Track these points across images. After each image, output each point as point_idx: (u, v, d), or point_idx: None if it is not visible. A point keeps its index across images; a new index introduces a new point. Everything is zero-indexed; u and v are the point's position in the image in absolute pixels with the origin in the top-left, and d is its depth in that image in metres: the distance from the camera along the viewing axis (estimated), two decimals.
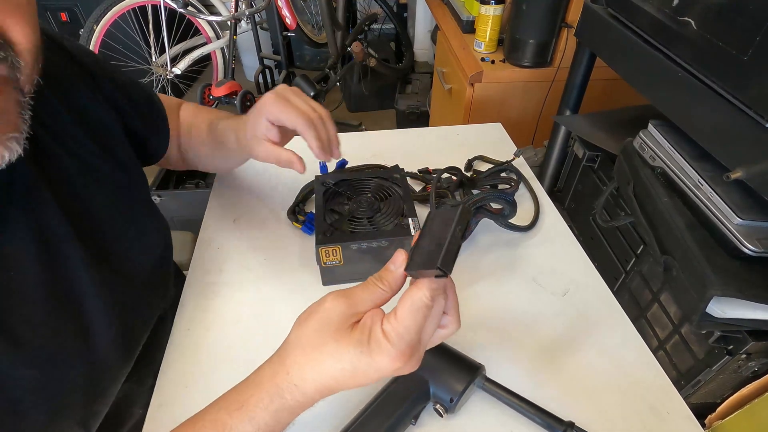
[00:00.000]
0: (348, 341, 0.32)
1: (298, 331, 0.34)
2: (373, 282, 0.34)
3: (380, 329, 0.32)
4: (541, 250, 0.64)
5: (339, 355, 0.32)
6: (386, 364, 0.31)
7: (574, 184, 1.09)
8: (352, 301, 0.33)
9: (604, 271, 0.62)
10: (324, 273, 0.58)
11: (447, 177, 0.72)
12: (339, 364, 0.32)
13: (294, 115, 0.51)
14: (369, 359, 0.31)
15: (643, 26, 0.78)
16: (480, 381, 0.45)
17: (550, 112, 1.24)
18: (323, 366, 0.32)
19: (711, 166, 0.69)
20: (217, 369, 0.50)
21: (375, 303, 0.34)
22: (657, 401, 0.47)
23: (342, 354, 0.32)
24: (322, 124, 0.54)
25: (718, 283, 0.60)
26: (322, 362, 0.32)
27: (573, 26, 1.13)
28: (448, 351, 0.46)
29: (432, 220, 0.33)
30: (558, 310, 0.56)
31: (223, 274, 0.60)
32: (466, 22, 1.44)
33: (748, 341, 0.64)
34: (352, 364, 0.31)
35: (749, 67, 0.57)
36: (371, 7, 2.47)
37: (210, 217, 0.69)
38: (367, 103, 2.40)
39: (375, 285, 0.34)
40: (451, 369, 0.44)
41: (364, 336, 0.32)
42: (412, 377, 0.43)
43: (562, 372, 0.50)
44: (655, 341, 0.81)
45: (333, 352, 0.32)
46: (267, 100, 0.52)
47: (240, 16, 1.85)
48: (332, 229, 0.56)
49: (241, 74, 2.64)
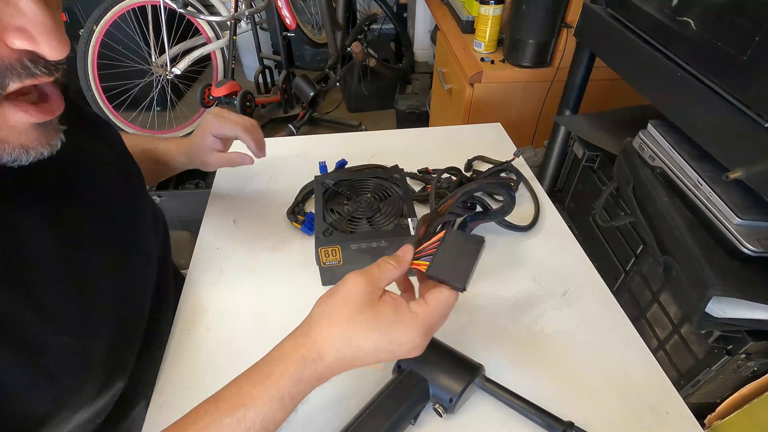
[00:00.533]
0: (380, 311, 0.36)
1: (321, 308, 0.38)
2: (386, 261, 0.39)
3: (408, 308, 0.37)
4: (541, 250, 0.64)
5: (373, 323, 0.35)
6: (411, 337, 0.36)
7: (574, 184, 1.09)
8: (372, 277, 0.38)
9: (604, 271, 0.62)
10: (324, 273, 0.58)
11: (447, 177, 0.72)
12: (371, 332, 0.35)
13: (232, 125, 0.63)
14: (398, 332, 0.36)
15: (643, 26, 0.78)
16: (479, 381, 0.45)
17: (550, 112, 1.24)
18: (353, 335, 0.35)
19: (710, 166, 0.69)
20: (217, 369, 0.50)
21: (389, 280, 0.39)
22: (657, 401, 0.47)
23: (376, 321, 0.35)
24: (255, 130, 0.65)
25: (717, 283, 0.60)
26: (353, 331, 0.35)
27: (573, 26, 1.13)
28: (447, 351, 0.46)
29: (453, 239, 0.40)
30: (558, 310, 0.56)
31: (223, 274, 0.60)
32: (466, 22, 1.44)
33: (747, 341, 0.64)
34: (383, 333, 0.35)
35: (749, 67, 0.57)
36: (371, 7, 2.47)
37: (210, 217, 0.69)
38: (367, 103, 2.40)
39: (388, 264, 0.39)
40: (451, 369, 0.44)
41: (396, 310, 0.36)
42: (412, 377, 0.43)
43: (562, 372, 0.50)
44: (655, 341, 0.81)
45: (366, 320, 0.35)
46: (209, 119, 0.63)
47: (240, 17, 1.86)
48: (332, 229, 0.56)
49: (241, 74, 2.64)
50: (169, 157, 0.68)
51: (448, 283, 0.38)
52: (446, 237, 0.40)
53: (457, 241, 0.40)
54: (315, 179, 0.65)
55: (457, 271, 0.38)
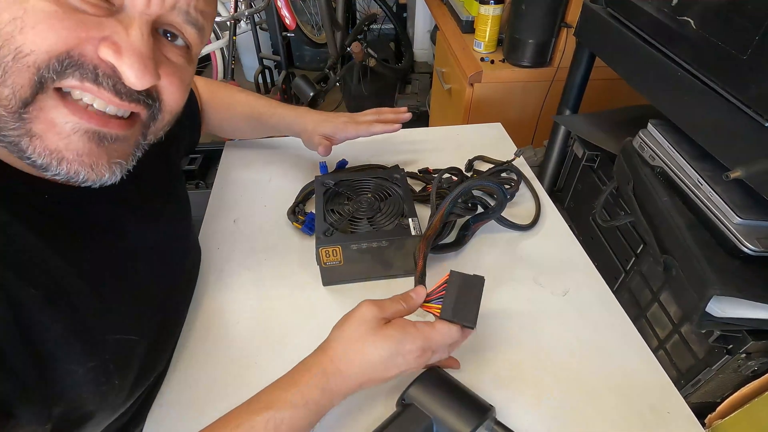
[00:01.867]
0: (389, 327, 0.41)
1: (338, 331, 0.42)
2: (398, 300, 0.44)
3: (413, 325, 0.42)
4: (541, 250, 0.64)
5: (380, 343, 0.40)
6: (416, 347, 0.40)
7: (574, 184, 1.09)
8: (382, 307, 0.42)
9: (604, 271, 0.62)
10: (324, 273, 0.58)
11: (447, 177, 0.72)
12: (378, 351, 0.40)
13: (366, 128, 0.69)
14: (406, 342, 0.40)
15: (643, 26, 0.78)
16: (489, 424, 0.42)
17: (550, 112, 1.24)
18: (365, 353, 0.40)
19: (710, 166, 0.69)
20: (217, 369, 0.50)
21: (397, 314, 0.43)
22: (657, 401, 0.47)
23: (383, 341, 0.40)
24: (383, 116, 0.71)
25: (717, 283, 0.60)
26: (364, 351, 0.40)
27: (572, 26, 1.13)
28: (457, 388, 0.43)
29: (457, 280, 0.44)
30: (558, 310, 0.56)
31: (223, 274, 0.60)
32: (466, 22, 1.44)
33: (747, 340, 0.64)
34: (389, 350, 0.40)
35: (748, 66, 0.57)
36: (371, 7, 2.47)
37: (210, 217, 0.69)
38: (367, 104, 2.39)
39: (399, 302, 0.44)
40: (459, 409, 0.41)
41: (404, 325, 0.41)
42: (415, 413, 0.41)
43: (561, 371, 0.50)
44: (655, 341, 0.81)
45: (374, 341, 0.40)
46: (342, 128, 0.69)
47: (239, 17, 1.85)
48: (332, 229, 0.56)
49: (240, 75, 2.64)
50: (281, 128, 0.72)
51: (459, 324, 0.43)
52: (451, 279, 0.44)
53: (461, 282, 0.44)
54: (315, 179, 0.65)
55: (466, 311, 0.43)
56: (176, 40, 0.36)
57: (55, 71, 0.29)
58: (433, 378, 0.43)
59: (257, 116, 0.71)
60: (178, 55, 0.36)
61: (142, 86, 0.32)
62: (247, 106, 0.72)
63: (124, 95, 0.33)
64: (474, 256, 0.63)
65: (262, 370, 0.50)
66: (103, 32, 0.30)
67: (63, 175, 0.32)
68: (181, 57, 0.37)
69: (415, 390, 0.42)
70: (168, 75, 0.35)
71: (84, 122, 0.32)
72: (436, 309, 0.44)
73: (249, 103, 0.72)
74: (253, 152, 0.82)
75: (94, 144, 0.33)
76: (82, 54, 0.30)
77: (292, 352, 0.51)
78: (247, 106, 0.72)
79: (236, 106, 0.72)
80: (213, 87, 0.72)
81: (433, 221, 0.55)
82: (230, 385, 0.49)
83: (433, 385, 0.42)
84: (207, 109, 0.71)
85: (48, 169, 0.32)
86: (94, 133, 0.33)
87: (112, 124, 0.33)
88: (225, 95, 0.72)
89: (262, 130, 0.74)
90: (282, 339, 0.53)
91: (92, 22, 0.30)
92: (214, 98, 0.71)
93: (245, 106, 0.72)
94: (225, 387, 0.48)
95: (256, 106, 0.72)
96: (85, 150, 0.32)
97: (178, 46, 0.36)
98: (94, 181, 0.34)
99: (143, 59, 0.31)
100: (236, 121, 0.73)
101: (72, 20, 0.29)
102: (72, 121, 0.31)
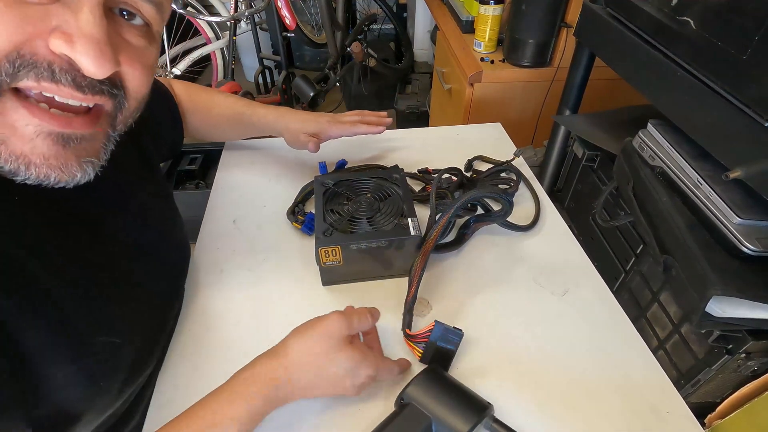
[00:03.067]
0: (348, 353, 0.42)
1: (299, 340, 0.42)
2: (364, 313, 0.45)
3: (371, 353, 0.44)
4: (541, 250, 0.64)
5: (340, 361, 0.41)
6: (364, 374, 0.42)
7: (574, 184, 1.09)
8: (350, 324, 0.43)
9: (604, 271, 0.62)
10: (324, 273, 0.58)
11: (447, 177, 0.72)
12: (335, 368, 0.41)
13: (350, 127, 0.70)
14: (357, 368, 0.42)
15: (643, 26, 0.78)
16: (488, 422, 0.42)
17: (550, 112, 1.24)
18: (322, 367, 0.41)
19: (710, 166, 0.69)
20: (217, 369, 0.50)
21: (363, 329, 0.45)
22: (657, 401, 0.47)
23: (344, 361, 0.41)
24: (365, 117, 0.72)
25: (717, 283, 0.60)
26: (322, 365, 0.41)
27: (572, 26, 1.13)
28: (455, 386, 0.44)
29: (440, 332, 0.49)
30: (558, 310, 0.56)
31: (223, 274, 0.60)
32: (466, 22, 1.44)
33: (747, 340, 0.64)
34: (345, 370, 0.41)
35: (748, 66, 0.57)
36: (371, 7, 2.47)
37: (210, 217, 0.69)
38: (367, 104, 2.40)
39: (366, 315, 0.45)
40: (457, 407, 0.41)
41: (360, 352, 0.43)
42: (414, 413, 0.41)
43: (562, 372, 0.50)
44: (655, 341, 0.81)
45: (335, 358, 0.41)
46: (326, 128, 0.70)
47: (239, 17, 1.85)
48: (332, 229, 0.56)
49: (240, 75, 2.64)
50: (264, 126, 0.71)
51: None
52: (435, 329, 0.48)
53: (443, 333, 0.48)
54: (315, 179, 0.65)
55: (442, 360, 0.49)
56: (134, 19, 0.33)
57: (8, 73, 0.27)
58: (431, 377, 0.44)
59: (237, 116, 0.71)
60: (137, 36, 0.33)
61: (102, 74, 0.30)
62: (226, 107, 0.71)
63: (86, 88, 0.30)
64: (474, 256, 0.63)
65: None
66: (51, 22, 0.28)
67: (33, 179, 0.31)
68: (141, 38, 0.34)
69: (413, 389, 0.42)
70: (129, 59, 0.33)
71: (46, 125, 0.30)
72: (417, 351, 0.50)
73: (228, 104, 0.72)
74: (253, 152, 0.82)
75: (60, 146, 0.31)
76: (33, 52, 0.28)
77: None
78: (227, 107, 0.71)
79: (215, 108, 0.71)
80: (191, 90, 0.71)
81: (432, 234, 0.55)
82: None
83: (431, 384, 0.42)
84: (186, 112, 0.70)
85: (17, 173, 0.30)
86: (59, 136, 0.31)
87: (76, 123, 0.32)
88: (203, 97, 0.71)
89: (243, 130, 0.74)
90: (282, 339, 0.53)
91: (38, 13, 0.27)
92: (191, 101, 0.70)
93: (224, 108, 0.71)
94: None
95: (235, 107, 0.71)
96: (52, 153, 0.31)
97: (137, 26, 0.34)
98: (67, 181, 0.32)
99: (98, 45, 0.29)
100: (216, 123, 0.72)
101: (15, 15, 0.27)
102: (33, 124, 0.30)
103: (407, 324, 0.51)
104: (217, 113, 0.72)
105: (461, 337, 0.49)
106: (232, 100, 0.72)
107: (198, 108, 0.71)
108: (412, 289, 0.53)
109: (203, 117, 0.71)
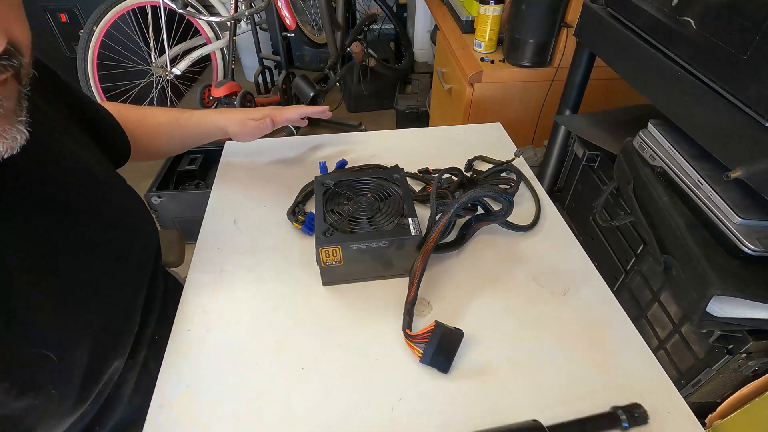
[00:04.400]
0: None
1: None
2: None
3: None
4: (542, 250, 0.64)
5: None
6: None
7: (574, 184, 1.09)
8: None
9: (604, 271, 0.62)
10: (324, 273, 0.58)
11: (447, 177, 0.72)
12: None
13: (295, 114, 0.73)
14: None
15: (643, 26, 0.78)
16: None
17: (550, 112, 1.24)
18: None
19: (711, 166, 0.69)
20: (217, 369, 0.50)
21: None
22: (657, 401, 0.47)
23: None
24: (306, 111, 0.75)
25: (718, 283, 0.60)
26: None
27: (572, 26, 1.13)
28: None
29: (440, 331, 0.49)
30: (558, 310, 0.56)
31: (223, 274, 0.60)
32: (466, 22, 1.44)
33: (748, 340, 0.64)
34: None
35: (748, 66, 0.57)
36: (371, 7, 2.46)
37: (210, 217, 0.69)
38: (367, 104, 2.40)
39: None
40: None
41: None
42: None
43: (562, 372, 0.50)
44: (655, 341, 0.81)
45: None
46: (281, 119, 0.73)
47: (239, 17, 1.85)
48: (332, 229, 0.56)
49: (240, 75, 2.64)
50: (207, 125, 0.71)
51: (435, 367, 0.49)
52: (435, 329, 0.49)
53: (443, 334, 0.49)
54: (315, 179, 0.65)
55: (442, 359, 0.49)
56: None
57: None
58: None
59: (174, 121, 0.70)
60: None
61: None
62: (160, 114, 0.70)
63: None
64: (474, 255, 0.63)
65: (262, 370, 0.50)
66: None
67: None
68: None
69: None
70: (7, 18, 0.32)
71: None
72: (418, 352, 0.50)
73: (161, 111, 0.70)
74: (253, 152, 0.82)
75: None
76: None
77: (292, 353, 0.51)
78: (161, 114, 0.70)
79: (149, 118, 0.69)
80: (119, 107, 0.68)
81: (433, 234, 0.55)
82: (230, 386, 0.48)
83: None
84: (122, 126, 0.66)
85: None
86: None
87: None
88: (134, 112, 0.69)
89: (186, 133, 0.72)
90: (282, 339, 0.53)
91: None
92: (122, 115, 0.66)
93: (158, 117, 0.70)
94: (225, 388, 0.48)
95: (170, 113, 0.70)
96: None
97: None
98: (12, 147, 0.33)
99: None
100: (156, 131, 0.70)
101: None
102: None
103: (407, 324, 0.51)
104: (153, 122, 0.70)
105: (461, 338, 0.49)
106: (165, 109, 0.71)
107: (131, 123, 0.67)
108: (412, 290, 0.53)
109: (140, 132, 0.68)
